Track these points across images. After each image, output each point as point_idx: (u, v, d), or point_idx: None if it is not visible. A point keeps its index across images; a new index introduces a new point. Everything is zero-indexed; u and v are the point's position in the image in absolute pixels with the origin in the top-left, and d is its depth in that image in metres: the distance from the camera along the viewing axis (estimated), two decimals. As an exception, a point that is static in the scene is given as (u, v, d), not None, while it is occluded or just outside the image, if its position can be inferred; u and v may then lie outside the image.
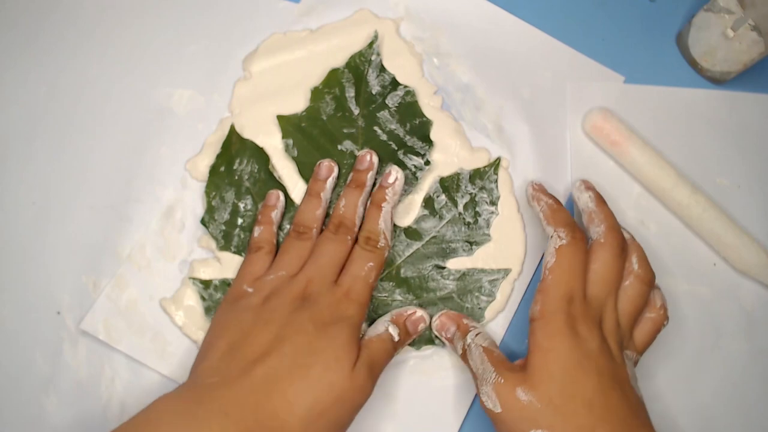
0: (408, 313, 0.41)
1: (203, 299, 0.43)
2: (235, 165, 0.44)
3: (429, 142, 0.45)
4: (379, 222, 0.42)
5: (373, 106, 0.45)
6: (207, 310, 0.43)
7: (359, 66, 0.46)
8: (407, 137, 0.45)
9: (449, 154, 0.45)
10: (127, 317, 0.43)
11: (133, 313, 0.43)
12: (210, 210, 0.44)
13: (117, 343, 0.42)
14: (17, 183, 0.45)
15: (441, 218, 0.44)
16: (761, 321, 0.45)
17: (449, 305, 0.43)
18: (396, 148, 0.45)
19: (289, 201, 0.44)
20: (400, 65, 0.46)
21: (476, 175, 0.45)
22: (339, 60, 0.46)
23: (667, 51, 0.49)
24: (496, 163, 0.45)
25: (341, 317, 0.38)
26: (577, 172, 0.46)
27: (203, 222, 0.44)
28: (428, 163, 0.45)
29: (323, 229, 0.42)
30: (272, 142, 0.45)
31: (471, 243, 0.44)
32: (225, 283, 0.43)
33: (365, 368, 0.37)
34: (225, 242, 0.43)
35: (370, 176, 0.43)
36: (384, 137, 0.45)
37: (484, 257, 0.44)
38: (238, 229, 0.44)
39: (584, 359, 0.36)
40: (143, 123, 0.46)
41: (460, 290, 0.43)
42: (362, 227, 0.42)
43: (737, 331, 0.45)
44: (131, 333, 0.42)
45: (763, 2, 0.43)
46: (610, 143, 0.46)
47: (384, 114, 0.45)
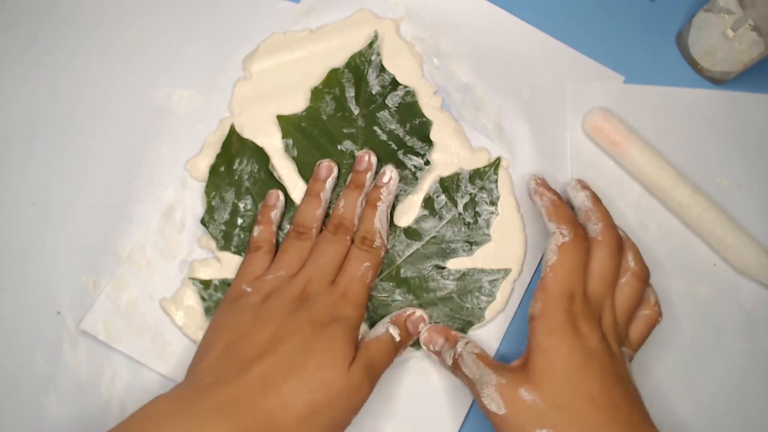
0: (407, 314, 0.41)
1: (203, 299, 0.43)
2: (235, 165, 0.44)
3: (429, 142, 0.45)
4: (375, 221, 0.42)
5: (373, 106, 0.45)
6: (207, 310, 0.43)
7: (359, 66, 0.46)
8: (407, 137, 0.45)
9: (449, 154, 0.45)
10: (127, 317, 0.43)
11: (133, 313, 0.43)
12: (210, 210, 0.44)
13: (117, 343, 0.42)
14: (17, 183, 0.45)
15: (441, 218, 0.44)
16: (761, 321, 0.45)
17: (449, 305, 0.43)
18: (396, 148, 0.45)
19: (289, 201, 0.44)
20: (400, 65, 0.46)
21: (476, 175, 0.45)
22: (339, 60, 0.46)
23: (667, 51, 0.49)
24: (496, 163, 0.45)
25: (338, 318, 0.38)
26: (577, 172, 0.46)
27: (203, 222, 0.44)
28: (428, 163, 0.45)
29: (323, 229, 0.42)
30: (272, 142, 0.45)
31: (471, 243, 0.44)
32: (225, 283, 0.43)
33: (361, 369, 0.37)
34: (225, 242, 0.43)
35: (369, 176, 0.43)
36: (384, 137, 0.45)
37: (484, 257, 0.44)
38: (238, 229, 0.44)
39: (586, 357, 0.36)
40: (143, 123, 0.46)
41: (460, 290, 0.43)
42: (358, 227, 0.42)
43: (737, 331, 0.45)
44: (131, 333, 0.42)
45: (763, 2, 0.43)
46: (610, 143, 0.46)
47: (384, 114, 0.45)
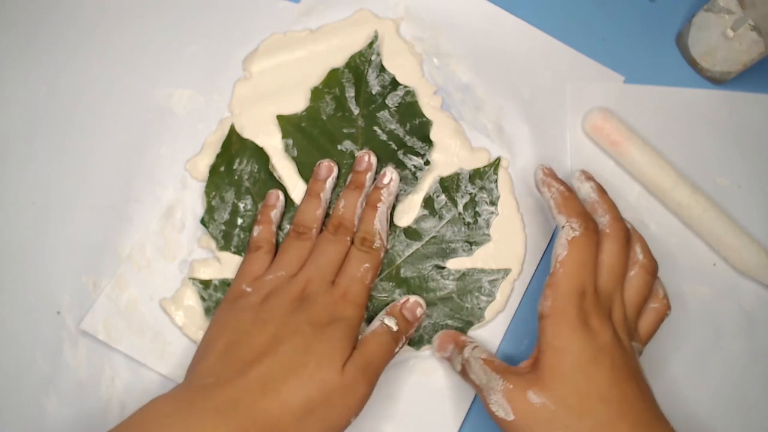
0: (401, 302, 0.41)
1: (203, 299, 0.43)
2: (235, 165, 0.44)
3: (429, 142, 0.45)
4: (375, 222, 0.42)
5: (373, 106, 0.45)
6: (207, 310, 0.43)
7: (359, 66, 0.46)
8: (407, 137, 0.45)
9: (449, 154, 0.45)
10: (127, 317, 0.43)
11: (133, 313, 0.43)
12: (210, 210, 0.44)
13: (117, 343, 0.42)
14: (17, 183, 0.45)
15: (441, 218, 0.44)
16: (761, 321, 0.45)
17: (449, 305, 0.43)
18: (396, 148, 0.45)
19: (289, 201, 0.44)
20: (400, 65, 0.46)
21: (476, 175, 0.45)
22: (339, 60, 0.46)
23: (667, 51, 0.49)
24: (496, 163, 0.45)
25: (338, 318, 0.38)
26: (577, 172, 0.46)
27: (203, 222, 0.44)
28: (428, 163, 0.45)
29: (323, 230, 0.42)
30: (272, 142, 0.45)
31: (471, 243, 0.44)
32: (225, 283, 0.43)
33: (356, 367, 0.36)
34: (225, 242, 0.43)
35: (369, 177, 0.43)
36: (384, 137, 0.45)
37: (484, 257, 0.44)
38: (238, 229, 0.44)
39: (598, 354, 0.35)
40: (143, 123, 0.46)
41: (460, 290, 0.43)
42: (358, 228, 0.42)
43: (737, 331, 0.45)
44: (131, 333, 0.42)
45: (763, 2, 0.43)
46: (610, 143, 0.46)
47: (384, 114, 0.45)
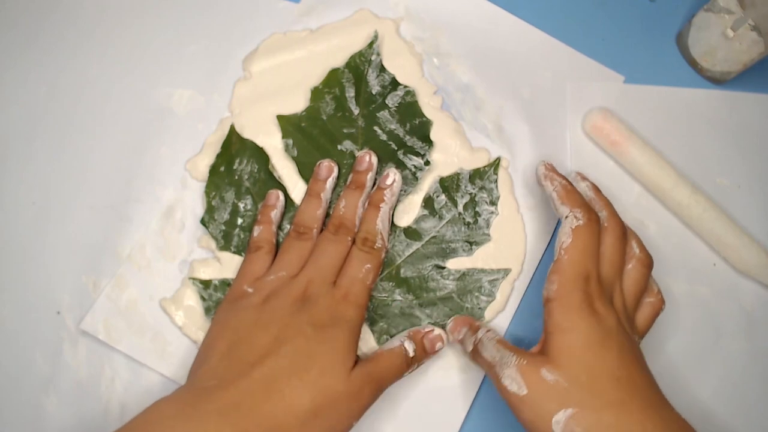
0: (426, 331, 0.41)
1: (203, 299, 0.43)
2: (235, 165, 0.44)
3: (429, 142, 0.45)
4: (377, 223, 0.42)
5: (373, 106, 0.45)
6: (207, 310, 0.43)
7: (359, 66, 0.46)
8: (407, 137, 0.45)
9: (449, 154, 0.45)
10: (127, 317, 0.43)
11: (133, 313, 0.43)
12: (210, 210, 0.44)
13: (117, 343, 0.42)
14: (17, 183, 0.45)
15: (441, 218, 0.44)
16: (761, 321, 0.45)
17: (449, 305, 0.43)
18: (396, 148, 0.45)
19: (289, 201, 0.44)
20: (400, 65, 0.46)
21: (476, 175, 0.45)
22: (339, 60, 0.46)
23: (667, 51, 0.49)
24: (496, 163, 0.45)
25: (340, 319, 0.38)
26: (577, 172, 0.46)
27: (203, 222, 0.44)
28: (428, 163, 0.45)
29: (323, 229, 0.42)
30: (272, 142, 0.45)
31: (471, 243, 0.44)
32: (225, 283, 0.43)
33: (364, 376, 0.37)
34: (225, 242, 0.43)
35: (370, 177, 0.43)
36: (384, 137, 0.45)
37: (484, 257, 0.44)
38: (238, 229, 0.44)
39: (606, 336, 0.36)
40: (143, 123, 0.46)
41: (460, 290, 0.43)
42: (360, 228, 0.42)
43: (737, 331, 0.45)
44: (131, 333, 0.42)
45: (763, 2, 0.43)
46: (610, 143, 0.46)
47: (384, 114, 0.45)
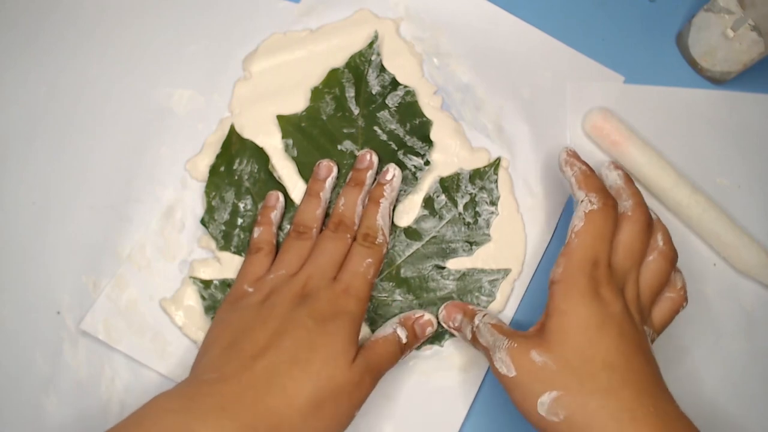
0: (416, 316, 0.41)
1: (203, 299, 0.43)
2: (235, 165, 0.44)
3: (429, 142, 0.45)
4: (377, 218, 0.42)
5: (373, 106, 0.45)
6: (207, 310, 0.43)
7: (359, 66, 0.46)
8: (407, 137, 0.45)
9: (449, 154, 0.45)
10: (127, 317, 0.43)
11: (133, 313, 0.43)
12: (210, 210, 0.44)
13: (117, 343, 0.42)
14: (17, 183, 0.45)
15: (441, 218, 0.44)
16: (761, 321, 0.45)
17: (449, 305, 0.43)
18: (396, 148, 0.45)
19: (289, 201, 0.44)
20: (400, 65, 0.46)
21: (476, 175, 0.45)
22: (339, 60, 0.46)
23: (667, 51, 0.49)
24: (496, 163, 0.45)
25: (341, 312, 0.38)
26: (577, 172, 0.46)
27: (203, 222, 0.44)
28: (428, 163, 0.45)
29: (323, 229, 0.42)
30: (272, 142, 0.45)
31: (471, 243, 0.44)
32: (225, 283, 0.43)
33: (364, 365, 0.37)
34: (225, 242, 0.43)
35: (370, 175, 0.43)
36: (384, 137, 0.45)
37: (484, 257, 0.44)
38: (238, 229, 0.44)
39: (606, 321, 0.35)
40: (143, 123, 0.46)
41: (460, 290, 0.43)
42: (360, 224, 0.42)
43: (737, 331, 0.45)
44: (131, 333, 0.42)
45: (763, 2, 0.43)
46: (610, 143, 0.46)
47: (384, 114, 0.45)
